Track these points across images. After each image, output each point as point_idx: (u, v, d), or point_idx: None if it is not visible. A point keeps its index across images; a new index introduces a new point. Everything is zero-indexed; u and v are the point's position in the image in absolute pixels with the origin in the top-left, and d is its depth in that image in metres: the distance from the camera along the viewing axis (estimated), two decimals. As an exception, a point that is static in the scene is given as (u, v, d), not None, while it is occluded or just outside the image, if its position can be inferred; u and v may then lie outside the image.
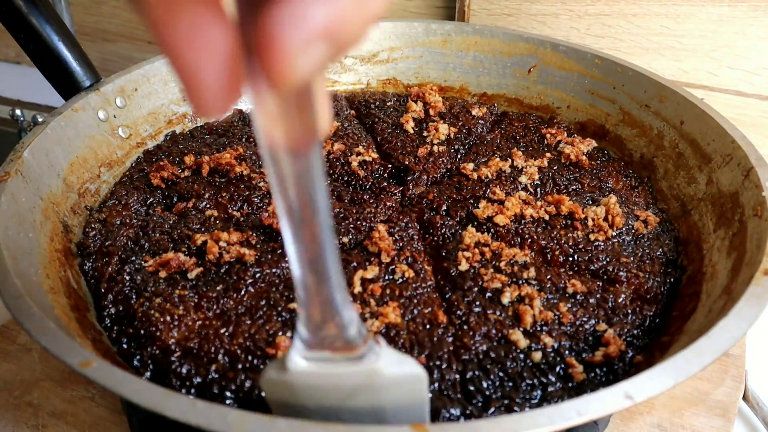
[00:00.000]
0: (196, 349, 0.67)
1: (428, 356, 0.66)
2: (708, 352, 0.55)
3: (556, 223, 0.83)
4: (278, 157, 0.35)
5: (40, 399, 0.78)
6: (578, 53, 1.04)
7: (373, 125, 1.04)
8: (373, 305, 0.72)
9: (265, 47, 0.27)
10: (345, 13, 0.28)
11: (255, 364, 0.66)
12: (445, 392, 0.63)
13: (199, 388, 0.64)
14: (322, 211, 0.38)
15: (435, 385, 0.64)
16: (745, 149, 0.80)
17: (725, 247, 0.75)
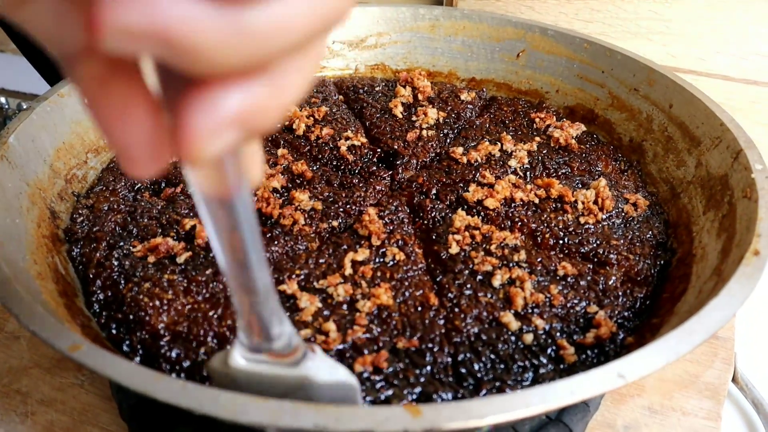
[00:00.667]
0: (185, 332, 0.67)
1: (420, 339, 0.66)
2: (699, 331, 0.55)
3: (546, 207, 0.83)
4: (207, 201, 0.38)
5: (28, 386, 0.77)
6: (567, 38, 1.04)
7: (362, 110, 1.04)
8: (364, 287, 0.71)
9: (179, 130, 0.29)
10: (259, 103, 0.30)
11: None
12: (437, 376, 0.63)
13: (188, 372, 0.64)
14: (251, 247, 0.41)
15: (427, 369, 0.64)
16: (734, 132, 0.80)
17: (715, 228, 0.75)
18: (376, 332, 0.67)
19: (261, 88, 0.30)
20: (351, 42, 1.15)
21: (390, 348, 0.65)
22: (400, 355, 0.65)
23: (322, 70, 1.16)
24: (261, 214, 0.81)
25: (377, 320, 0.68)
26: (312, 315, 0.68)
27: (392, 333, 0.67)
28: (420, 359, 0.64)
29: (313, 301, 0.69)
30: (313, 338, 0.65)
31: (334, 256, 0.76)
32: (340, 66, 1.16)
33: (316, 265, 0.75)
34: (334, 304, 0.70)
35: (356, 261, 0.75)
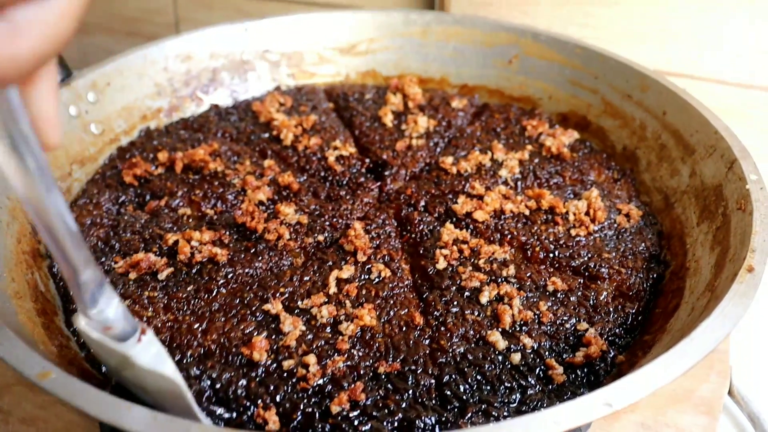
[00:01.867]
0: (167, 342, 0.66)
1: (403, 361, 0.65)
2: (690, 354, 0.53)
3: (537, 218, 0.81)
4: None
5: (10, 404, 0.76)
6: (559, 43, 1.02)
7: (351, 118, 1.02)
8: (348, 307, 0.70)
9: None
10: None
11: (231, 360, 0.65)
12: (420, 399, 0.61)
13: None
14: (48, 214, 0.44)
15: (409, 393, 0.62)
16: (729, 140, 0.79)
17: (708, 241, 0.74)
18: (358, 357, 0.65)
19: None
20: (342, 48, 1.13)
21: (371, 374, 0.64)
22: (381, 381, 0.63)
23: (312, 77, 1.14)
24: (245, 229, 0.79)
25: (360, 343, 0.66)
26: (296, 340, 0.66)
27: (375, 356, 0.65)
28: (402, 383, 0.63)
29: (296, 325, 0.67)
30: (295, 370, 0.63)
31: (318, 273, 0.74)
32: (330, 73, 1.14)
33: (300, 282, 0.73)
34: (318, 326, 0.68)
35: (341, 279, 0.73)
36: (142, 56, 1.02)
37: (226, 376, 0.62)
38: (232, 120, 1.02)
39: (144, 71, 1.02)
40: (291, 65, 1.13)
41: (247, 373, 0.63)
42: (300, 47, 1.13)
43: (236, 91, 1.10)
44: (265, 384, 0.62)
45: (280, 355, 0.65)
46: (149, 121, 1.03)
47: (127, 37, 1.56)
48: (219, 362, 0.64)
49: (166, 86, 1.05)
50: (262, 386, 0.61)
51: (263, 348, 0.64)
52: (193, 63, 1.07)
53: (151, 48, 1.03)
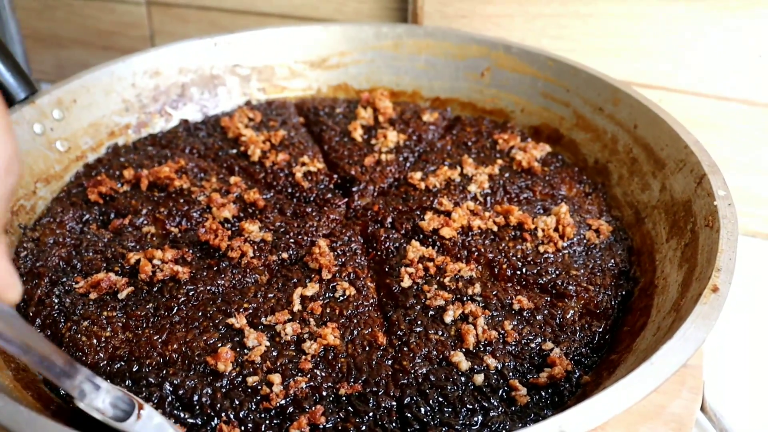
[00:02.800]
0: (126, 355, 0.66)
1: (365, 382, 0.63)
2: (651, 378, 0.52)
3: (505, 235, 0.80)
4: None
5: None
6: (531, 55, 1.02)
7: (321, 133, 1.01)
8: (312, 325, 0.69)
9: None
10: None
11: (195, 368, 0.64)
12: (380, 422, 0.60)
13: (135, 380, 0.63)
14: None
15: (370, 415, 0.61)
16: (698, 155, 0.78)
17: (677, 258, 0.73)
18: (320, 378, 0.64)
19: None
20: (313, 62, 1.12)
21: (332, 397, 0.63)
22: (342, 403, 0.62)
23: (284, 91, 1.13)
24: (209, 247, 0.78)
25: (323, 363, 0.65)
26: (260, 356, 0.65)
27: (337, 377, 0.64)
28: (363, 405, 0.61)
29: (261, 341, 0.66)
30: (260, 387, 0.62)
31: (283, 291, 0.73)
32: (301, 87, 1.13)
33: (264, 299, 0.72)
34: (282, 343, 0.67)
35: (305, 296, 0.72)
36: (109, 72, 1.00)
37: (190, 383, 0.62)
38: (200, 136, 1.01)
39: (111, 87, 1.01)
40: (261, 79, 1.12)
41: (212, 382, 0.62)
42: (270, 61, 1.11)
43: (206, 106, 1.09)
44: (229, 397, 0.61)
45: (245, 370, 0.64)
46: (117, 138, 1.01)
47: (103, 51, 1.54)
48: (181, 370, 0.64)
49: (134, 102, 1.03)
50: (227, 399, 0.61)
51: (228, 359, 0.64)
52: (161, 78, 1.05)
53: (119, 64, 1.01)
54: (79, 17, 1.53)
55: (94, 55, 1.57)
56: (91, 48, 1.57)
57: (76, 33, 1.56)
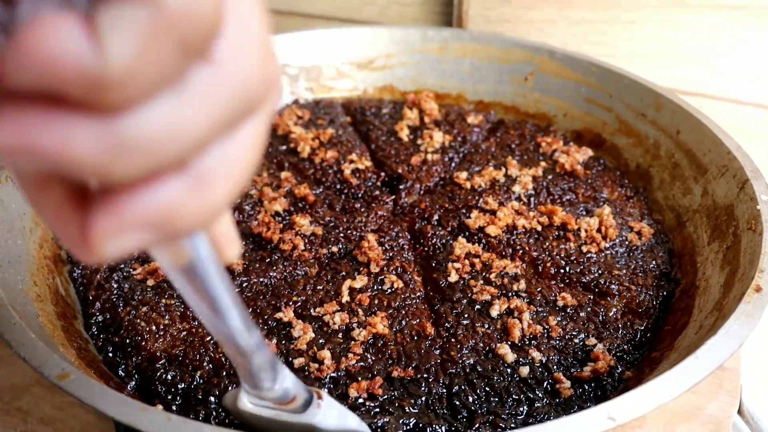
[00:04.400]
0: (181, 356, 0.67)
1: (416, 368, 0.66)
2: (695, 372, 0.54)
3: (549, 234, 0.82)
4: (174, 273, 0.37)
5: (29, 405, 0.77)
6: (574, 61, 1.03)
7: (368, 132, 1.04)
8: (360, 315, 0.71)
9: (82, 231, 0.29)
10: (175, 203, 0.28)
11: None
12: (432, 407, 0.63)
13: (183, 395, 0.64)
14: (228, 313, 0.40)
15: (422, 399, 0.63)
16: (741, 160, 0.79)
17: (719, 260, 0.74)
18: (371, 360, 0.66)
19: (176, 187, 0.28)
20: (359, 63, 1.15)
21: (385, 376, 0.65)
22: (395, 384, 0.64)
23: (330, 91, 1.16)
24: (261, 239, 0.81)
25: (372, 349, 0.68)
26: (306, 344, 0.67)
27: (387, 362, 0.66)
28: (415, 389, 0.64)
29: (306, 331, 0.68)
30: (307, 366, 0.65)
31: (332, 283, 0.75)
32: (348, 87, 1.16)
33: (313, 291, 0.74)
34: (330, 332, 0.69)
35: (354, 288, 0.74)
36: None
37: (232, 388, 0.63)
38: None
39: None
40: (309, 79, 1.15)
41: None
42: (318, 62, 1.14)
43: (256, 104, 1.12)
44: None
45: (291, 357, 0.66)
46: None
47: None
48: (228, 374, 0.65)
49: (187, 98, 1.06)
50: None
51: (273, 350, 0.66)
52: (213, 75, 1.08)
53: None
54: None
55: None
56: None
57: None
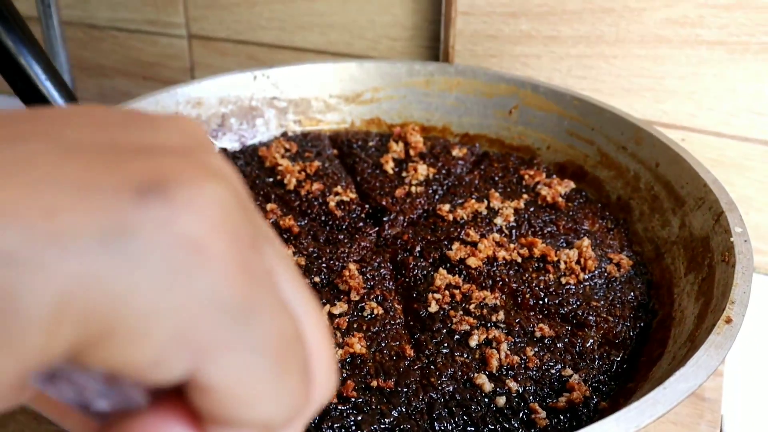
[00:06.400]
0: None
1: (396, 382, 0.67)
2: (663, 402, 0.54)
3: (529, 266, 0.84)
4: None
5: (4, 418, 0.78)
6: (557, 94, 1.05)
7: (354, 165, 1.05)
8: (338, 337, 0.72)
9: None
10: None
11: None
12: (413, 417, 0.64)
13: None
14: None
15: (402, 409, 0.64)
16: (717, 193, 0.81)
17: (694, 292, 0.75)
18: (346, 375, 0.68)
19: None
20: (347, 96, 1.17)
21: (362, 387, 0.66)
22: (374, 392, 0.66)
23: (319, 124, 1.18)
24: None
25: (349, 365, 0.69)
26: None
27: (365, 377, 0.68)
28: (395, 399, 0.65)
29: None
30: None
31: (312, 311, 0.76)
32: (336, 120, 1.18)
33: (292, 319, 0.75)
34: None
35: (333, 314, 0.75)
36: (154, 102, 1.06)
37: None
38: (238, 164, 1.06)
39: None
40: (298, 112, 1.17)
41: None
42: (307, 95, 1.16)
43: (244, 136, 1.14)
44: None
45: None
46: (159, 164, 1.06)
47: (145, 81, 1.61)
48: None
49: (177, 130, 1.08)
50: None
51: None
52: (203, 108, 1.11)
53: (163, 94, 1.07)
54: (123, 48, 1.59)
55: (136, 84, 1.63)
56: (134, 78, 1.64)
57: (120, 63, 1.63)
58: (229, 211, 0.23)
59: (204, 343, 0.22)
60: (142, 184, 0.22)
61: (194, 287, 0.21)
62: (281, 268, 0.27)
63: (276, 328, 0.24)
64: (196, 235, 0.22)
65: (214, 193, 0.23)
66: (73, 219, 0.20)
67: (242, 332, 0.23)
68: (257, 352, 0.23)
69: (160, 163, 0.23)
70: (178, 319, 0.21)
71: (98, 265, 0.20)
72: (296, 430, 0.28)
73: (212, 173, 0.24)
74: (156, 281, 0.21)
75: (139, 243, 0.21)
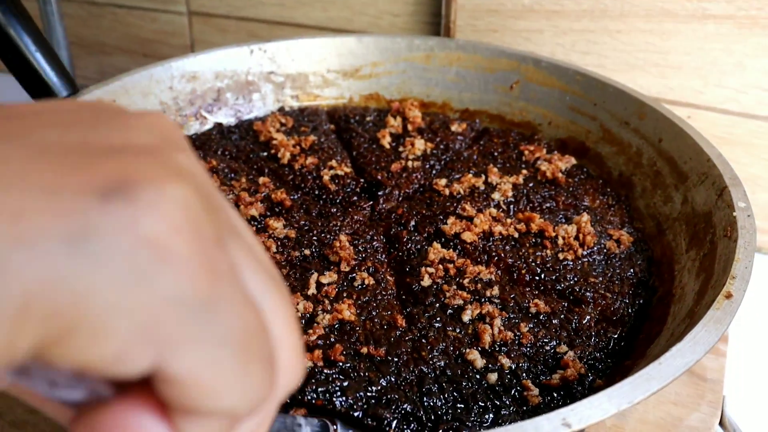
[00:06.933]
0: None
1: (387, 351, 0.65)
2: (657, 378, 0.52)
3: (525, 241, 0.81)
4: None
5: (2, 408, 0.77)
6: (559, 69, 1.03)
7: (350, 140, 1.03)
8: (326, 304, 0.71)
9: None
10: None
11: None
12: (401, 387, 0.62)
13: None
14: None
15: (392, 378, 0.63)
16: (720, 168, 0.78)
17: (695, 268, 0.73)
18: (334, 339, 0.66)
19: None
20: (346, 72, 1.15)
21: (351, 353, 0.65)
22: (363, 358, 0.64)
23: (316, 99, 1.15)
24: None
25: (337, 332, 0.67)
26: None
27: (354, 343, 0.66)
28: (384, 367, 0.63)
29: None
30: None
31: (299, 280, 0.75)
32: (334, 95, 1.16)
33: (279, 287, 0.74)
34: None
35: (321, 282, 0.74)
36: (148, 75, 1.04)
37: None
38: (233, 138, 1.04)
39: (149, 90, 1.04)
40: (295, 87, 1.14)
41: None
42: (305, 70, 1.14)
43: (240, 111, 1.12)
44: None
45: None
46: (153, 139, 1.04)
47: (144, 58, 1.59)
48: None
49: (171, 105, 1.06)
50: None
51: None
52: (198, 83, 1.08)
53: (157, 68, 1.05)
54: (123, 25, 1.58)
55: (135, 62, 1.61)
56: (133, 55, 1.62)
57: (120, 41, 1.61)
58: (191, 211, 0.24)
59: (167, 338, 0.23)
60: (107, 186, 0.22)
61: (157, 286, 0.22)
62: (248, 261, 0.27)
63: (239, 321, 0.25)
64: (158, 236, 0.23)
65: (176, 194, 0.24)
66: (39, 222, 0.21)
67: (205, 326, 0.24)
68: (221, 344, 0.24)
69: (126, 164, 0.24)
70: (141, 317, 0.22)
71: (62, 267, 0.21)
72: (262, 417, 0.29)
73: (176, 173, 0.24)
74: (118, 281, 0.22)
75: (102, 244, 0.22)
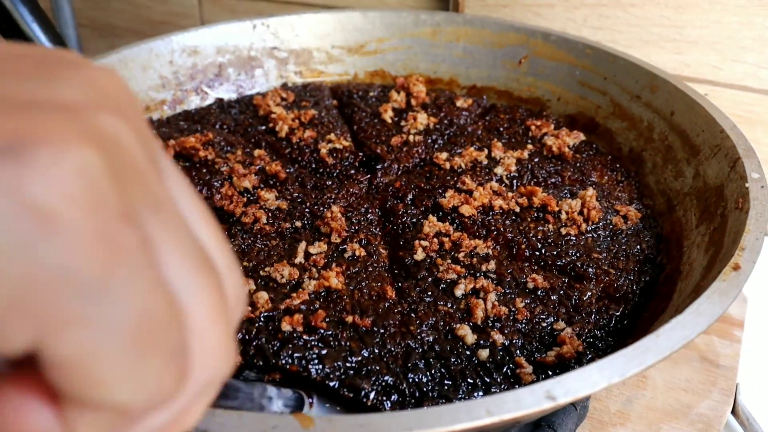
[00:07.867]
0: None
1: (373, 322, 0.62)
2: (653, 350, 0.48)
3: (527, 216, 0.78)
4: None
5: None
6: (569, 43, 0.99)
7: (352, 114, 1.00)
8: (313, 272, 0.68)
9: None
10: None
11: None
12: (385, 360, 0.59)
13: None
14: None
15: (375, 350, 0.60)
16: (734, 139, 0.74)
17: (704, 243, 0.69)
18: (319, 305, 0.63)
19: None
20: (350, 47, 1.11)
21: (336, 321, 0.62)
22: (346, 327, 0.61)
23: (320, 75, 1.12)
24: (223, 212, 0.78)
25: (322, 299, 0.65)
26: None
27: (340, 312, 0.63)
28: (369, 338, 0.60)
29: (248, 284, 0.65)
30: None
31: (288, 250, 0.72)
32: (338, 71, 1.13)
33: (267, 256, 0.71)
34: (275, 286, 0.66)
35: (310, 252, 0.71)
36: (147, 49, 1.02)
37: None
38: (232, 113, 1.01)
39: (149, 64, 1.02)
40: (299, 63, 1.11)
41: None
42: (308, 45, 1.11)
43: (242, 87, 1.09)
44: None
45: None
46: (152, 113, 1.02)
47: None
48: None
49: (171, 79, 1.04)
50: None
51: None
52: (199, 57, 1.06)
53: (157, 42, 1.02)
54: (133, 7, 1.56)
55: (146, 44, 1.60)
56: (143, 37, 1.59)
57: (130, 22, 1.59)
58: (92, 178, 0.21)
59: (47, 317, 0.20)
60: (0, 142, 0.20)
61: (39, 258, 0.20)
62: (170, 240, 0.25)
63: (137, 306, 0.22)
64: (45, 203, 0.20)
65: (77, 158, 0.21)
66: None
67: (94, 308, 0.21)
68: (111, 330, 0.21)
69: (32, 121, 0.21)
70: (18, 289, 0.20)
71: None
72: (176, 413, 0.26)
73: (89, 136, 0.22)
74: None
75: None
